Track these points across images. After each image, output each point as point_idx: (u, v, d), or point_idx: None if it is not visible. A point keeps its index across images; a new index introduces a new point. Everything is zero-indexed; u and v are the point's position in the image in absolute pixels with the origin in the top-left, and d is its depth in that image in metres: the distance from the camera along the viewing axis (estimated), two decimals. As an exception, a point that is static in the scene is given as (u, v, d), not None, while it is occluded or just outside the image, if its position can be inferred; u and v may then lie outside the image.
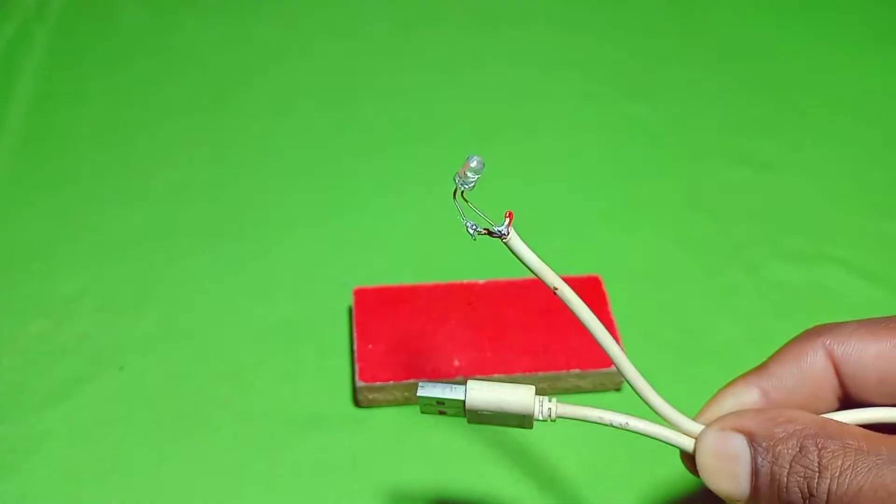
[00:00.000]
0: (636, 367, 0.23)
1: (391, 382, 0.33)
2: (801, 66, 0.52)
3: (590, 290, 0.36)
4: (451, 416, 0.24)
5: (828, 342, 0.23)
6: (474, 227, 0.22)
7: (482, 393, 0.23)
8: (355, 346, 0.34)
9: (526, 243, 0.22)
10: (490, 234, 0.22)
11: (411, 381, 0.33)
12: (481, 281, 0.37)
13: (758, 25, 0.55)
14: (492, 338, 0.35)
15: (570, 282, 0.36)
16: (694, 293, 0.40)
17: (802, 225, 0.43)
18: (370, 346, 0.34)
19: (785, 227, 0.43)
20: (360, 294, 0.36)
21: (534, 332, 0.35)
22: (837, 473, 0.19)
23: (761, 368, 0.24)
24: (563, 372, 0.34)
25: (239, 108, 0.48)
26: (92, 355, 0.36)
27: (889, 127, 0.49)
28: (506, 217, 0.22)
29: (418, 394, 0.23)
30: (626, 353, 0.23)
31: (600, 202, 0.44)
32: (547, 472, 0.33)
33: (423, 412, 0.24)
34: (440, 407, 0.24)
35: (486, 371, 0.34)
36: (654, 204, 0.44)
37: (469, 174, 0.22)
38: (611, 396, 0.35)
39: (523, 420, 0.23)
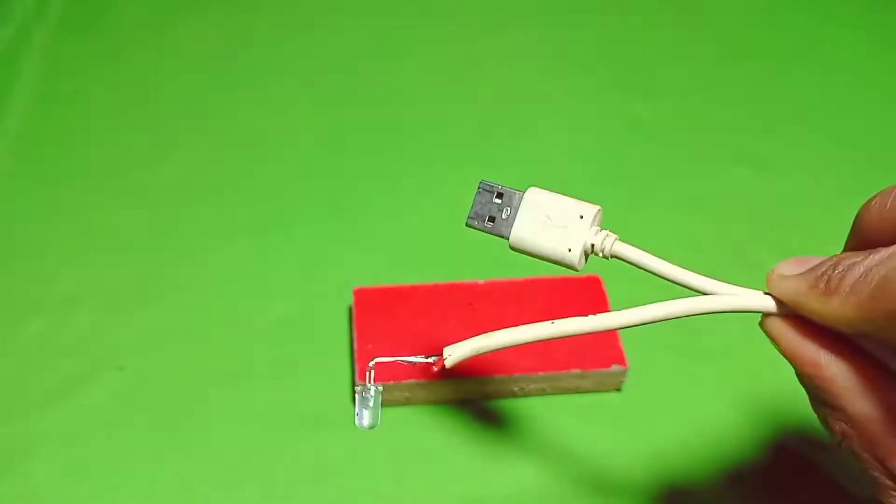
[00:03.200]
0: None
1: (391, 382, 0.33)
2: (802, 66, 0.52)
3: (590, 289, 0.36)
4: (492, 233, 0.25)
5: None
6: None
7: (544, 195, 0.24)
8: (355, 346, 0.34)
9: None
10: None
11: (411, 381, 0.33)
12: (481, 281, 0.36)
13: (758, 25, 0.55)
14: (492, 338, 0.35)
15: (570, 282, 0.36)
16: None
17: (803, 224, 0.43)
18: (370, 345, 0.34)
19: (786, 226, 0.43)
20: (360, 294, 0.36)
21: (534, 332, 0.35)
22: None
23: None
24: (564, 372, 0.34)
25: (238, 107, 0.48)
26: (91, 355, 0.36)
27: (890, 126, 0.49)
28: None
29: (479, 187, 0.24)
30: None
31: (600, 202, 0.44)
32: (549, 471, 0.33)
33: (468, 224, 0.25)
34: (495, 205, 0.24)
35: (487, 371, 0.34)
36: (654, 203, 0.44)
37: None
38: (611, 396, 0.35)
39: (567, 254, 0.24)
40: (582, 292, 0.36)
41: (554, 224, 0.24)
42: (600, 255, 0.24)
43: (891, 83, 0.52)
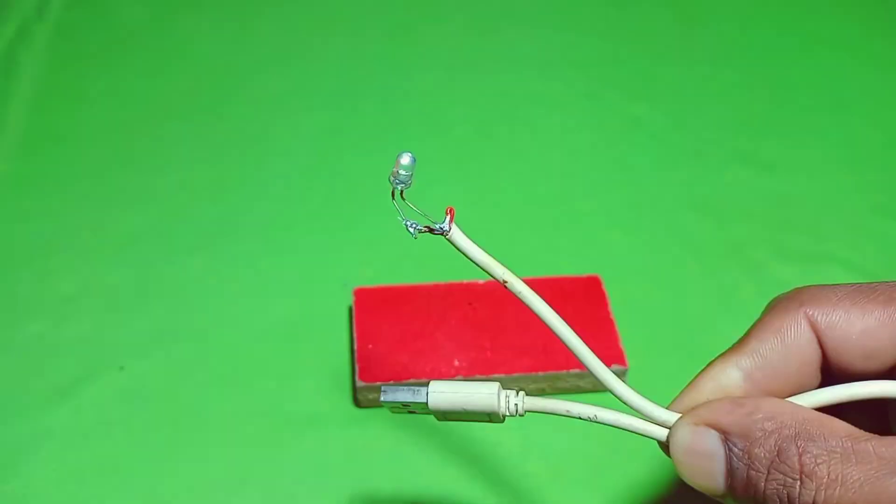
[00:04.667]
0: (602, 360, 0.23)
1: (391, 383, 0.33)
2: (802, 67, 0.52)
3: (590, 289, 0.36)
4: (421, 413, 0.23)
5: (811, 312, 0.21)
6: (414, 225, 0.22)
7: (444, 396, 0.22)
8: (355, 346, 0.34)
9: (469, 237, 0.22)
10: (431, 231, 0.22)
11: (412, 381, 0.33)
12: (481, 281, 0.37)
13: (758, 26, 0.55)
14: (492, 338, 0.35)
15: (570, 282, 0.36)
16: (694, 293, 0.40)
17: (803, 225, 0.43)
18: (370, 346, 0.34)
19: (785, 226, 0.43)
20: (361, 294, 0.36)
21: (534, 331, 0.35)
22: (824, 483, 0.18)
23: (741, 345, 0.22)
24: (563, 372, 0.34)
25: (238, 107, 0.48)
26: (92, 355, 0.36)
27: (889, 127, 0.49)
28: (447, 213, 0.22)
29: (381, 399, 0.23)
30: (587, 346, 0.23)
31: (600, 202, 0.44)
32: (549, 470, 0.33)
33: (392, 412, 0.24)
34: (407, 409, 0.23)
35: (486, 371, 0.34)
36: (654, 204, 0.44)
37: (402, 172, 0.22)
38: (610, 397, 0.35)
39: (491, 416, 0.23)
40: (582, 291, 0.36)
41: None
42: (517, 415, 0.23)
43: (891, 83, 0.52)
